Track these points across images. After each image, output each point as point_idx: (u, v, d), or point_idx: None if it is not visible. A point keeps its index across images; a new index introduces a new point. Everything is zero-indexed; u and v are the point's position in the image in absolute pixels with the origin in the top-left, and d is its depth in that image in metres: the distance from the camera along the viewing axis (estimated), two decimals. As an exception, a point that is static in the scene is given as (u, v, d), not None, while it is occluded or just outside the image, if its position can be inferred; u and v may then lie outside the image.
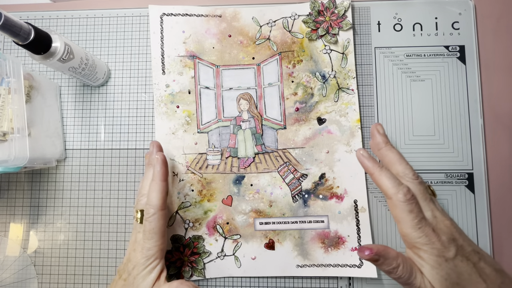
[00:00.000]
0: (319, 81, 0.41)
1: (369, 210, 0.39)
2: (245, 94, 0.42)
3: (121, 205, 0.41)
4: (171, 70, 0.41)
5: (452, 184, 0.40)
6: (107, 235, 0.40)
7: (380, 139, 0.34)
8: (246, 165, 0.40)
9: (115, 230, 0.40)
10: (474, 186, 0.40)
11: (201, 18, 0.42)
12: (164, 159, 0.34)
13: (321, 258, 0.39)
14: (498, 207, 0.39)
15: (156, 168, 0.33)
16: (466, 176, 0.40)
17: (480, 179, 0.40)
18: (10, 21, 0.27)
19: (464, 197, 0.39)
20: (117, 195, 0.41)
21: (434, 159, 0.40)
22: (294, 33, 0.42)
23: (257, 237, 0.39)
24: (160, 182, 0.32)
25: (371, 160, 0.32)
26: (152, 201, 0.32)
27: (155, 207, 0.32)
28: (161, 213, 0.32)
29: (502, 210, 0.39)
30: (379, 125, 0.36)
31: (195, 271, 0.39)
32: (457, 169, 0.40)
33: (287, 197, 0.40)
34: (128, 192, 0.41)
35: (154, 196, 0.32)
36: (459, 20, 0.42)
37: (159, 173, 0.33)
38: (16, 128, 0.33)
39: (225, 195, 0.40)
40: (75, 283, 0.40)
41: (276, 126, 0.41)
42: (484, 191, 0.39)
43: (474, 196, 0.39)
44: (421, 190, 0.31)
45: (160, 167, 0.33)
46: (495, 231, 0.39)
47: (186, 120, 0.41)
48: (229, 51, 0.42)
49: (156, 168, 0.33)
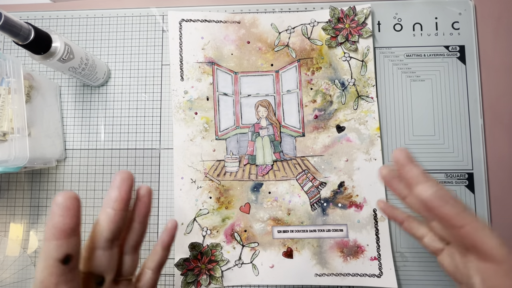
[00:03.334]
0: (338, 89, 0.41)
1: (388, 220, 0.39)
2: (263, 101, 0.41)
3: (121, 205, 0.41)
4: (189, 77, 0.41)
5: (452, 184, 0.40)
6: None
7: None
8: (264, 173, 0.40)
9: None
10: (474, 186, 0.40)
11: (219, 24, 0.42)
12: (71, 202, 0.20)
13: (340, 267, 0.38)
14: (498, 207, 0.39)
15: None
16: (466, 176, 0.40)
17: (480, 179, 0.40)
18: (10, 21, 0.27)
19: (464, 197, 0.39)
20: (117, 195, 0.41)
21: (434, 159, 0.40)
22: (313, 40, 0.42)
23: (275, 245, 0.39)
24: (47, 243, 0.19)
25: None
26: (36, 274, 0.20)
27: (35, 284, 0.20)
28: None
29: (502, 210, 0.39)
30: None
31: (213, 279, 0.38)
32: (457, 169, 0.40)
33: (306, 205, 0.40)
34: (128, 192, 0.41)
35: (38, 265, 0.20)
36: (459, 20, 0.42)
37: (48, 227, 0.19)
38: (16, 128, 0.33)
39: (243, 203, 0.40)
40: (75, 283, 0.40)
41: (295, 134, 0.41)
42: (484, 191, 0.39)
43: (474, 196, 0.39)
44: None
45: (56, 217, 0.19)
46: (495, 231, 0.39)
47: (204, 127, 0.41)
48: (248, 57, 0.42)
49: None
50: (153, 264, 0.27)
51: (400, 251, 0.39)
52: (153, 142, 0.42)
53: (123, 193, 0.23)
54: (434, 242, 0.28)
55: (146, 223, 0.26)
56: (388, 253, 0.38)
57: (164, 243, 0.28)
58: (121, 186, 0.23)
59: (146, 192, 0.26)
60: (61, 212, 0.19)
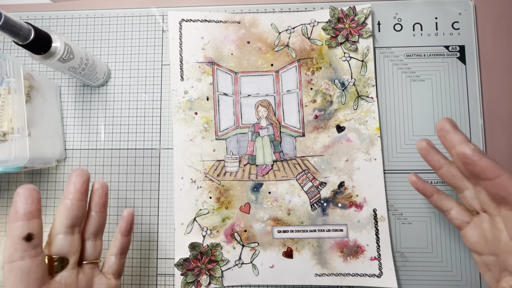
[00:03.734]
0: (338, 89, 0.41)
1: (388, 220, 0.39)
2: (263, 101, 0.41)
3: (120, 205, 0.41)
4: (189, 77, 0.41)
5: (452, 184, 0.40)
6: (106, 235, 0.40)
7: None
8: (264, 173, 0.40)
9: (114, 230, 0.40)
10: (474, 186, 0.40)
11: (220, 24, 0.42)
12: (28, 192, 0.24)
13: (340, 267, 0.38)
14: (498, 207, 0.39)
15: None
16: (466, 176, 0.40)
17: (480, 179, 0.40)
18: (10, 21, 0.27)
19: (464, 197, 0.39)
20: (117, 195, 0.41)
21: (434, 159, 0.40)
22: (313, 40, 0.42)
23: (275, 245, 0.39)
24: (11, 224, 0.24)
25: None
26: (4, 251, 0.24)
27: (3, 259, 0.24)
28: (9, 267, 0.23)
29: (502, 210, 0.39)
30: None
31: (213, 279, 0.38)
32: (457, 169, 0.40)
33: (306, 205, 0.40)
34: (128, 192, 0.41)
35: (5, 244, 0.24)
36: (459, 20, 0.42)
37: (11, 212, 0.24)
38: (16, 128, 0.33)
39: (243, 203, 0.40)
40: (75, 283, 0.40)
41: (295, 134, 0.41)
42: (484, 191, 0.39)
43: (474, 196, 0.39)
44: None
45: (18, 203, 0.24)
46: None
47: (204, 127, 0.41)
48: (248, 57, 0.42)
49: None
50: (115, 250, 0.32)
51: (400, 251, 0.39)
52: (153, 142, 0.42)
53: (78, 185, 0.27)
54: (461, 215, 0.31)
55: (103, 213, 0.30)
56: (388, 253, 0.38)
57: (122, 229, 0.32)
58: (76, 180, 0.27)
59: (100, 186, 0.30)
60: (22, 199, 0.24)
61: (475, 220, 0.30)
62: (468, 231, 0.30)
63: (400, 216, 0.39)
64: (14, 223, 0.23)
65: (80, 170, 0.28)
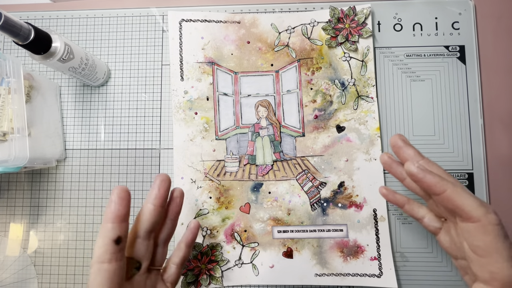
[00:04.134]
0: (338, 89, 0.41)
1: (388, 219, 0.39)
2: (263, 101, 0.41)
3: (121, 205, 0.41)
4: (189, 77, 0.41)
5: (452, 184, 0.40)
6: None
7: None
8: (264, 173, 0.40)
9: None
10: (474, 186, 0.40)
11: (219, 24, 0.42)
12: (124, 194, 0.25)
13: (340, 267, 0.38)
14: (498, 207, 0.39)
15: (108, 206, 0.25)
16: (466, 176, 0.40)
17: (480, 179, 0.40)
18: (10, 21, 0.27)
19: (464, 197, 0.39)
20: (117, 195, 0.41)
21: (434, 159, 0.40)
22: (313, 40, 0.42)
23: (275, 245, 0.39)
24: (105, 224, 0.24)
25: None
26: (94, 250, 0.24)
27: (93, 258, 0.24)
28: (98, 267, 0.23)
29: (502, 210, 0.39)
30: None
31: (213, 279, 0.38)
32: (457, 169, 0.40)
33: (306, 205, 0.40)
34: (128, 192, 0.41)
35: (97, 243, 0.24)
36: (459, 20, 0.42)
37: (106, 213, 0.24)
38: (16, 128, 0.33)
39: (243, 203, 0.40)
40: (75, 283, 0.40)
41: (295, 134, 0.41)
42: (484, 191, 0.39)
43: (474, 196, 0.39)
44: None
45: (113, 205, 0.24)
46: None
47: (204, 127, 0.41)
48: (248, 57, 0.42)
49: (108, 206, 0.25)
50: (177, 260, 0.32)
51: (400, 251, 0.39)
52: (153, 142, 0.42)
53: (162, 191, 0.27)
54: (433, 221, 0.31)
55: (176, 221, 0.31)
56: (388, 253, 0.38)
57: (188, 241, 0.32)
58: (160, 185, 0.27)
59: (179, 194, 0.31)
60: (118, 201, 0.24)
61: (445, 226, 0.30)
62: (441, 237, 0.31)
63: (400, 216, 0.40)
64: (107, 224, 0.24)
65: (165, 175, 0.28)
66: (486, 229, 0.24)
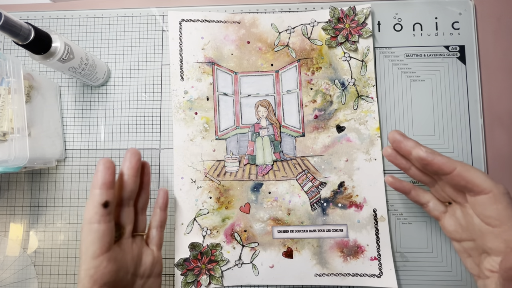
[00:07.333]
0: (338, 89, 0.41)
1: (388, 220, 0.39)
2: (263, 101, 0.41)
3: (121, 205, 0.41)
4: (189, 77, 0.41)
5: (452, 184, 0.40)
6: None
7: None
8: (264, 173, 0.40)
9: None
10: (474, 186, 0.40)
11: (219, 24, 0.42)
12: (109, 164, 0.27)
13: (340, 267, 0.38)
14: (498, 207, 0.39)
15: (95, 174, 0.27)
16: (466, 176, 0.40)
17: (480, 179, 0.39)
18: (10, 21, 0.27)
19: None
20: (117, 195, 0.41)
21: (434, 159, 0.40)
22: (313, 40, 0.42)
23: (275, 245, 0.39)
24: (93, 190, 0.27)
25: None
26: (84, 214, 0.27)
27: (84, 221, 0.27)
28: (88, 227, 0.26)
29: (502, 210, 0.39)
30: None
31: (213, 279, 0.38)
32: (457, 169, 0.40)
33: (306, 205, 0.40)
34: (128, 192, 0.41)
35: (86, 208, 0.27)
36: (459, 20, 0.42)
37: (94, 180, 0.27)
38: (16, 128, 0.33)
39: (243, 203, 0.40)
40: (75, 283, 0.40)
41: (295, 134, 0.41)
42: (484, 191, 0.39)
43: (474, 196, 0.39)
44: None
45: (99, 173, 0.27)
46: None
47: (204, 127, 0.41)
48: (248, 57, 0.42)
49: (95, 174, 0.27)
50: (156, 223, 0.35)
51: (400, 251, 0.39)
52: (153, 142, 0.42)
53: (134, 162, 0.29)
54: (437, 205, 0.33)
55: (148, 190, 0.33)
56: (388, 253, 0.38)
57: (161, 205, 0.35)
58: (131, 158, 0.29)
59: (146, 164, 0.33)
60: (104, 170, 0.27)
61: (449, 209, 0.32)
62: (445, 221, 0.32)
63: (400, 216, 0.40)
64: (95, 189, 0.26)
65: (133, 149, 0.30)
66: (498, 198, 0.26)
